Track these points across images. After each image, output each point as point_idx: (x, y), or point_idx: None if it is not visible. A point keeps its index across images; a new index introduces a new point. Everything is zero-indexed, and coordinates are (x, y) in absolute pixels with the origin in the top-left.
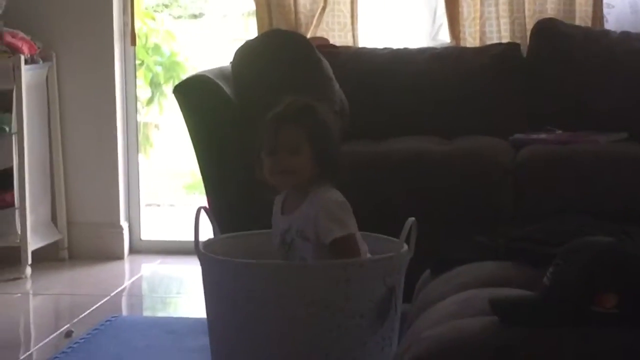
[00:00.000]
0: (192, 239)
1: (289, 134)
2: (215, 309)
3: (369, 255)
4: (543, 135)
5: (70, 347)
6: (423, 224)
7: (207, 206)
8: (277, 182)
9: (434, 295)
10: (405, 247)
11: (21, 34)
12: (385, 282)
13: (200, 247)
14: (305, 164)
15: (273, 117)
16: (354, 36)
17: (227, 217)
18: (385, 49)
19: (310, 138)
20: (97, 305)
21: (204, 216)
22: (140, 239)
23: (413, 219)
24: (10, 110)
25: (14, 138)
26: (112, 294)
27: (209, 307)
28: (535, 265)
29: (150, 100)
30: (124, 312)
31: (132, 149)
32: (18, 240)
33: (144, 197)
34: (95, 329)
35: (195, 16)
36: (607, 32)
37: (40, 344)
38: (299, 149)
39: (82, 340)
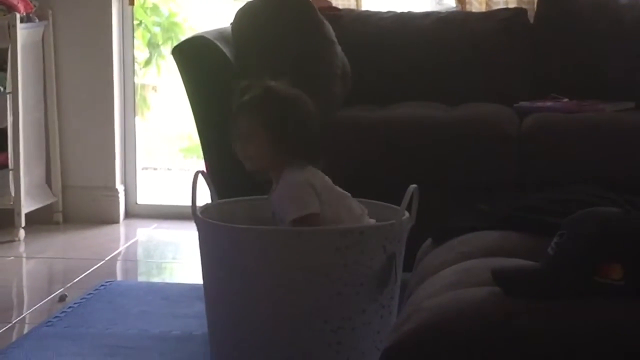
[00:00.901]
0: (189, 203)
1: (242, 122)
2: (211, 275)
3: (371, 220)
4: (548, 103)
5: (64, 311)
6: (425, 192)
7: (205, 170)
8: (245, 167)
9: (435, 264)
10: (407, 214)
11: None
12: (385, 249)
13: (198, 211)
14: (260, 150)
15: (234, 106)
16: None
17: (225, 181)
18: (389, 12)
19: (264, 124)
20: (91, 270)
21: (201, 181)
22: (136, 203)
23: (415, 186)
24: (5, 70)
25: (8, 98)
26: (106, 259)
27: (205, 273)
28: (540, 235)
29: (148, 62)
30: (119, 277)
31: (129, 111)
32: (11, 202)
33: (141, 161)
34: (90, 294)
35: None
36: None
37: (34, 308)
38: (251, 136)
39: (76, 304)
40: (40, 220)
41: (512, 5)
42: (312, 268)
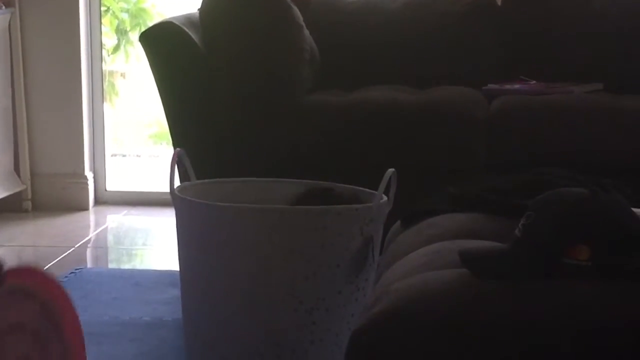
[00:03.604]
0: (159, 189)
1: None
2: (188, 255)
3: None
4: (517, 86)
5: None
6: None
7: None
8: None
9: (404, 247)
10: (385, 198)
11: None
12: (362, 232)
13: (175, 190)
14: None
15: None
16: None
17: (193, 166)
18: None
19: None
20: (61, 257)
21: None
22: (106, 190)
23: (393, 169)
24: None
25: None
26: (76, 246)
27: (181, 253)
28: (507, 216)
29: (116, 48)
30: (89, 264)
31: (97, 97)
32: None
33: (109, 147)
34: (60, 281)
35: None
36: None
37: None
38: None
39: None
40: (9, 208)
41: None
42: (289, 248)
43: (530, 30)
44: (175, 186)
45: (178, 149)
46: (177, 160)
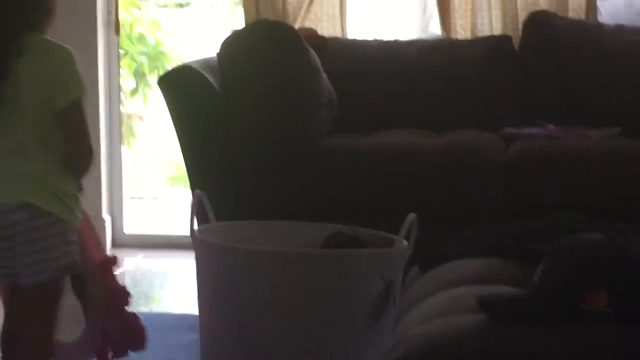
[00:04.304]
0: (177, 232)
1: None
2: (207, 296)
3: None
4: (534, 130)
5: None
6: None
7: (192, 198)
8: None
9: (422, 292)
10: (405, 243)
11: None
12: (382, 276)
13: (196, 232)
14: None
15: None
16: (342, 27)
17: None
18: (375, 40)
19: None
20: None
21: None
22: (123, 233)
23: (414, 214)
24: None
25: None
26: None
27: (201, 294)
28: (525, 262)
29: (134, 91)
30: None
31: (115, 140)
32: None
33: (127, 190)
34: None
35: (181, 5)
36: (601, 25)
37: None
38: None
39: None
40: None
41: (497, 32)
42: (309, 291)
43: (547, 74)
44: (197, 228)
45: (198, 191)
46: (197, 203)
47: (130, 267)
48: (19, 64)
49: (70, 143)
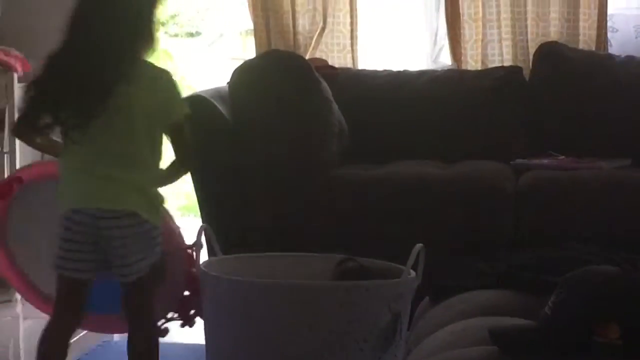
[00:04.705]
0: None
1: None
2: (214, 328)
3: None
4: (545, 161)
5: None
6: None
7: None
8: None
9: (433, 323)
10: (413, 273)
11: (14, 52)
12: (390, 308)
13: (202, 266)
14: None
15: None
16: (353, 57)
17: (220, 239)
18: (385, 71)
19: None
20: (87, 330)
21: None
22: None
23: (421, 245)
24: (2, 129)
25: (6, 158)
26: None
27: (207, 326)
28: (537, 293)
29: None
30: (116, 337)
31: None
32: None
33: None
34: (86, 354)
35: (192, 35)
36: (611, 57)
37: None
38: None
39: None
40: None
41: (507, 63)
42: (316, 323)
43: (558, 106)
44: (202, 261)
45: (203, 224)
46: (203, 235)
47: None
48: (129, 89)
49: (180, 152)
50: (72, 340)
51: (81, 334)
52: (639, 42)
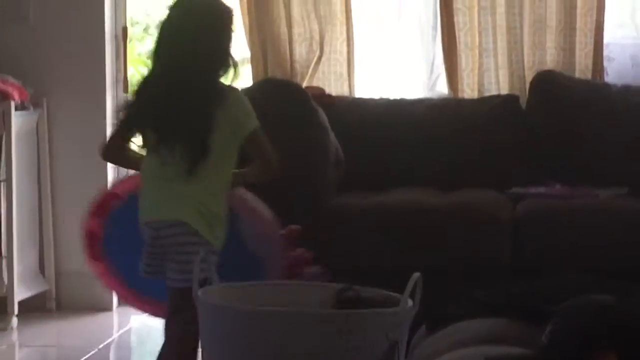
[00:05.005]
0: None
1: None
2: (212, 356)
3: None
4: (542, 189)
5: None
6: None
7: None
8: None
9: (429, 352)
10: (410, 302)
11: (11, 80)
12: (387, 337)
13: (199, 293)
14: None
15: None
16: (350, 86)
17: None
18: (382, 99)
19: None
20: (84, 358)
21: None
22: None
23: (418, 274)
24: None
25: (2, 185)
26: (100, 347)
27: (205, 354)
28: (534, 322)
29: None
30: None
31: None
32: (4, 291)
33: None
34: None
35: None
36: (608, 85)
37: None
38: None
39: None
40: (33, 308)
41: (504, 91)
42: (313, 351)
43: (555, 134)
44: (200, 290)
45: (201, 251)
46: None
47: (137, 325)
48: None
49: (259, 161)
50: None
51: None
52: (635, 71)
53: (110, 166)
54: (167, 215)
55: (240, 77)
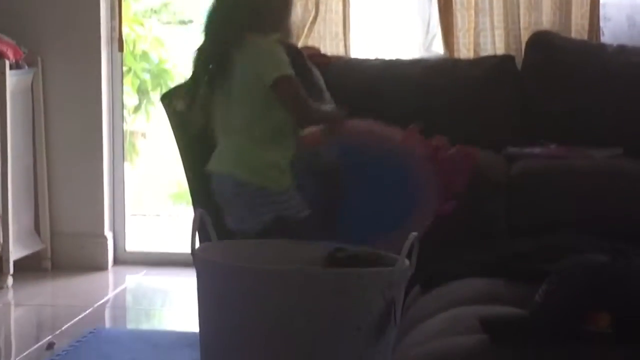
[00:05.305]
0: (178, 250)
1: None
2: (208, 314)
3: None
4: (537, 150)
5: (52, 359)
6: None
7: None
8: None
9: (423, 312)
10: (407, 262)
11: (6, 39)
12: (384, 295)
13: (197, 251)
14: None
15: None
16: (345, 46)
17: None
18: (377, 59)
19: None
20: (79, 317)
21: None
22: (125, 250)
23: (415, 234)
24: None
25: None
26: (95, 306)
27: (201, 313)
28: (528, 282)
29: (137, 108)
30: (107, 325)
31: (118, 157)
32: (0, 249)
33: (129, 207)
34: (78, 341)
35: (184, 22)
36: (604, 46)
37: (21, 356)
38: None
39: (64, 352)
40: (28, 267)
41: (499, 52)
42: (310, 310)
43: (550, 94)
44: (197, 246)
45: (200, 209)
46: (199, 221)
47: (132, 285)
48: (236, 58)
49: (288, 110)
50: (64, 327)
51: (73, 321)
52: (631, 31)
53: (105, 126)
54: (219, 167)
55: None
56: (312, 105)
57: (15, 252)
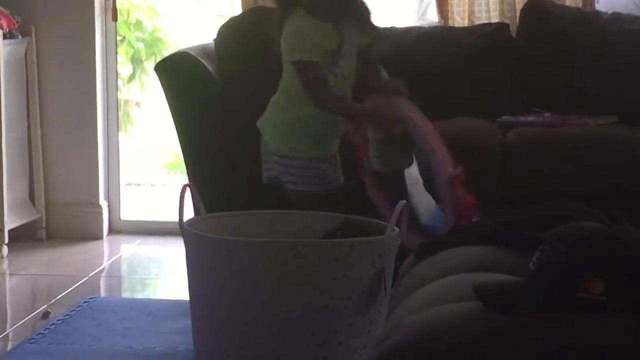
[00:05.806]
0: (173, 219)
1: None
2: (198, 288)
3: None
4: (531, 118)
5: (47, 328)
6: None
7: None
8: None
9: (418, 280)
10: (397, 230)
11: None
12: (374, 264)
13: (185, 224)
14: None
15: None
16: None
17: (207, 197)
18: None
19: None
20: (74, 286)
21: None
22: (120, 219)
23: (404, 202)
24: None
25: None
26: (90, 275)
27: (192, 286)
28: (521, 249)
29: (131, 77)
30: (102, 294)
31: (112, 126)
32: None
33: (124, 176)
34: (73, 310)
35: None
36: (598, 13)
37: (17, 324)
38: None
39: (59, 321)
40: (23, 237)
41: (494, 20)
42: (300, 281)
43: (544, 63)
44: (186, 219)
45: (187, 183)
46: (187, 194)
47: (127, 254)
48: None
49: (306, 94)
50: (60, 296)
51: (69, 290)
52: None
53: (99, 96)
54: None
55: (232, 5)
56: (333, 95)
57: (10, 222)
